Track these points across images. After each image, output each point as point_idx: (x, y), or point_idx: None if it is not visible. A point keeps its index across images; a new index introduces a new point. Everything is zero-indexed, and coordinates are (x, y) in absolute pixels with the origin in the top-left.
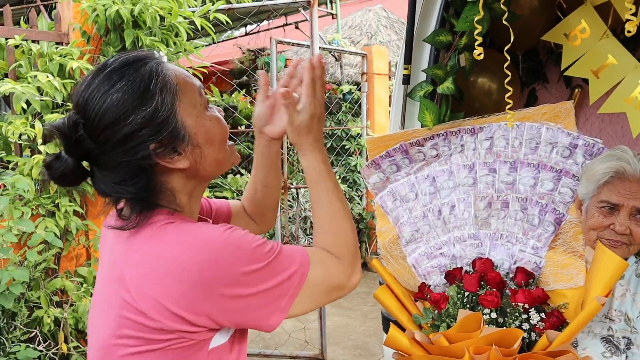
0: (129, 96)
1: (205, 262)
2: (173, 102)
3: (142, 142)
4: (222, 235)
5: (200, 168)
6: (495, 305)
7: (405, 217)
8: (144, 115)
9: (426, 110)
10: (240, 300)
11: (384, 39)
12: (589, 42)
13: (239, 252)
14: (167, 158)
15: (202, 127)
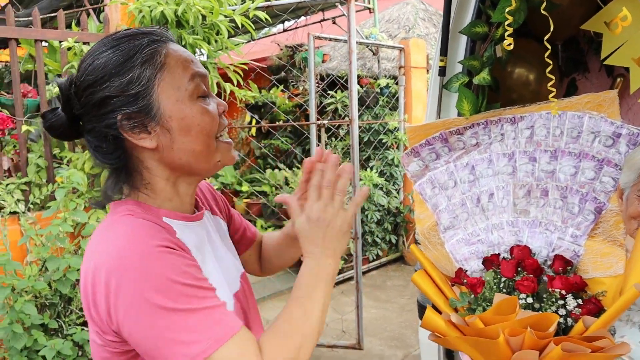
0: (110, 63)
1: (115, 269)
2: (152, 78)
3: (111, 110)
4: (148, 249)
5: (173, 155)
6: (531, 290)
7: (444, 204)
8: (118, 84)
9: (464, 99)
10: (132, 324)
11: (421, 32)
12: (630, 30)
13: (150, 273)
14: (132, 132)
15: (179, 111)
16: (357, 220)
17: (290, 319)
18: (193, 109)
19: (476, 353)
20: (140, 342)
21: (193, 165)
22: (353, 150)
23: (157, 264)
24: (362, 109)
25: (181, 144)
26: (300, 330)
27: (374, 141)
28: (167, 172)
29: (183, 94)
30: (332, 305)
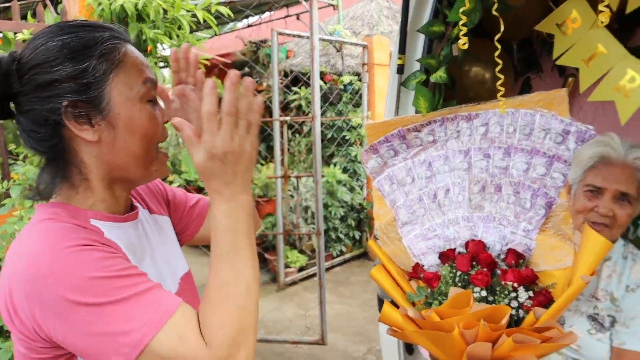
0: (66, 48)
1: (31, 277)
2: (107, 72)
3: (58, 94)
4: (57, 252)
5: (113, 154)
6: (485, 284)
7: (402, 200)
8: (71, 70)
9: (421, 96)
10: (61, 327)
11: (385, 29)
12: (580, 32)
13: (67, 276)
14: (75, 121)
15: (127, 110)
16: (320, 217)
17: (222, 284)
18: (142, 111)
19: (433, 346)
20: (77, 345)
21: (131, 169)
22: (315, 147)
23: (72, 265)
24: (325, 105)
25: (123, 143)
26: (237, 294)
27: (338, 138)
28: (103, 171)
29: (135, 95)
30: (296, 302)
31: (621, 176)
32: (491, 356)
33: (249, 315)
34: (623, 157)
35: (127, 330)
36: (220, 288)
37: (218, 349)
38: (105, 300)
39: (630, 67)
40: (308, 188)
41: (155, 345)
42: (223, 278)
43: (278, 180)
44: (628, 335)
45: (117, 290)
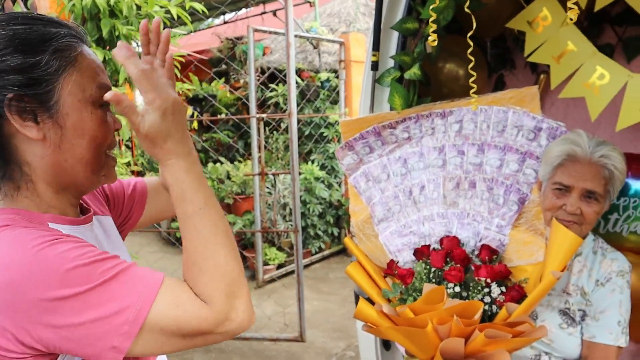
0: (19, 38)
1: (3, 287)
2: (60, 69)
3: (2, 85)
4: (28, 254)
5: (60, 156)
6: (458, 279)
7: (378, 197)
8: (21, 62)
9: (396, 93)
10: (57, 330)
11: (362, 26)
12: (550, 30)
13: (45, 275)
14: (19, 116)
15: (78, 112)
16: (298, 214)
17: (203, 241)
18: (93, 114)
19: (407, 342)
20: (70, 342)
21: (79, 173)
22: (292, 144)
23: (44, 263)
24: (303, 102)
25: (70, 146)
26: (220, 245)
27: (315, 135)
28: (49, 174)
29: (87, 97)
30: (275, 299)
31: (587, 174)
32: (464, 351)
33: (236, 264)
34: (589, 155)
35: (120, 309)
36: (203, 245)
37: (218, 304)
38: (88, 287)
39: (600, 65)
40: (286, 185)
41: (153, 317)
42: (203, 234)
43: (255, 177)
44: (598, 328)
45: (98, 275)
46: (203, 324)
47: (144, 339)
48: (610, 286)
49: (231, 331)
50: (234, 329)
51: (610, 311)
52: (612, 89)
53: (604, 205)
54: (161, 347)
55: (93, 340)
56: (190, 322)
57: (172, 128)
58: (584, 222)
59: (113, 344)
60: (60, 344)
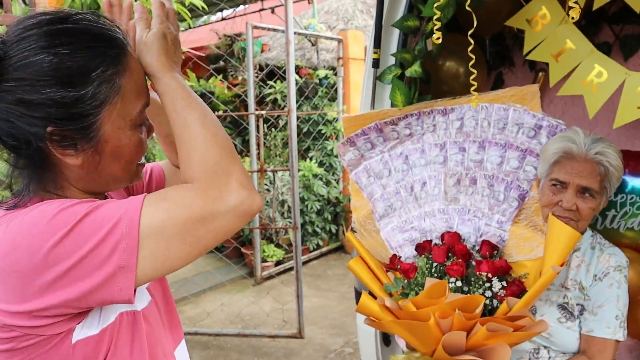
0: (62, 68)
1: (4, 254)
2: (105, 102)
3: (43, 117)
4: (16, 221)
5: (94, 174)
6: (460, 274)
7: (379, 193)
8: (64, 96)
9: (397, 90)
10: (65, 276)
11: (360, 23)
12: (549, 28)
13: (34, 230)
14: (59, 147)
15: (117, 139)
16: (297, 210)
17: (192, 125)
18: (132, 139)
19: (409, 336)
20: (85, 276)
21: (109, 185)
22: (291, 141)
23: (33, 220)
24: (301, 99)
25: (106, 167)
26: (210, 126)
27: (313, 132)
28: (81, 185)
29: (127, 123)
30: (273, 296)
31: (583, 171)
32: (466, 345)
33: (226, 141)
34: (585, 152)
35: (112, 225)
36: (193, 135)
37: (202, 181)
38: (77, 220)
39: (598, 63)
40: (284, 182)
41: (146, 220)
42: (193, 125)
43: (254, 174)
44: (596, 322)
45: (84, 209)
46: (196, 205)
47: (147, 249)
48: (608, 281)
49: (231, 208)
50: (234, 205)
51: (608, 305)
52: (610, 86)
53: (600, 202)
54: (167, 255)
55: (99, 267)
56: (183, 209)
57: (169, 48)
58: (580, 218)
59: (119, 264)
60: (73, 288)
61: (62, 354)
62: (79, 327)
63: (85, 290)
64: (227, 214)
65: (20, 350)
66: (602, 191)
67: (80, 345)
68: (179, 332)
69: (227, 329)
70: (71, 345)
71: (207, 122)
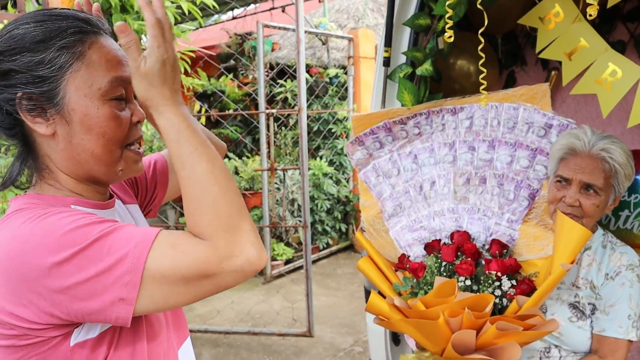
0: (28, 36)
1: (13, 256)
2: (65, 65)
3: (13, 84)
4: (30, 225)
5: (72, 150)
6: (469, 273)
7: (388, 192)
8: (28, 61)
9: (405, 90)
10: (65, 292)
11: (370, 22)
12: (562, 26)
13: (45, 241)
14: (29, 114)
15: (83, 107)
16: (307, 209)
17: (202, 178)
18: (100, 109)
19: (418, 334)
20: (83, 298)
21: (93, 167)
22: (302, 139)
23: (44, 229)
24: (311, 98)
25: (80, 140)
26: (219, 179)
27: (324, 130)
28: (66, 167)
29: (94, 92)
30: (283, 294)
31: (586, 167)
32: (475, 344)
33: (235, 197)
34: (588, 148)
35: (118, 259)
36: (200, 184)
37: (216, 239)
38: (86, 243)
39: (612, 61)
40: (294, 181)
41: (152, 262)
42: (201, 174)
43: (264, 172)
44: (608, 322)
45: (96, 233)
46: (203, 262)
47: (148, 288)
48: (620, 280)
49: (239, 268)
50: (241, 265)
51: (620, 305)
52: (624, 85)
53: (606, 199)
54: (168, 297)
55: (100, 294)
56: (190, 263)
57: (169, 77)
58: (584, 214)
59: (120, 296)
60: (72, 305)
61: (60, 355)
62: (77, 331)
63: (80, 310)
64: (234, 272)
65: (21, 347)
66: (608, 189)
67: (78, 347)
68: (184, 331)
69: (237, 327)
70: (69, 348)
71: (217, 175)
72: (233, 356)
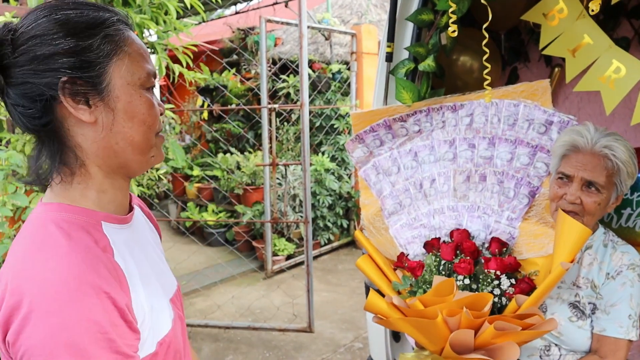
0: (72, 22)
1: (38, 306)
2: (111, 54)
3: (56, 68)
4: (71, 295)
5: (111, 138)
6: (468, 272)
7: (388, 190)
8: (74, 45)
9: (403, 89)
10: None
11: (373, 18)
12: (566, 22)
13: (71, 323)
14: (72, 99)
15: (127, 95)
16: (308, 205)
17: None
18: (142, 97)
19: (417, 333)
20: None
21: (129, 155)
22: (304, 135)
23: (84, 312)
24: (314, 93)
25: (121, 127)
26: None
27: (326, 126)
28: (100, 157)
29: (136, 82)
30: (283, 290)
31: (588, 164)
32: (474, 343)
33: None
34: (591, 145)
35: None
36: None
37: None
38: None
39: (616, 58)
40: (296, 176)
41: None
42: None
43: (266, 168)
44: (608, 322)
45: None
46: None
47: None
48: (621, 279)
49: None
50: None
51: (621, 304)
52: (628, 82)
53: (607, 197)
54: None
55: None
56: None
57: None
58: (585, 212)
59: None
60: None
61: None
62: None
63: None
64: None
65: None
66: (610, 186)
67: None
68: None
69: (237, 321)
70: None
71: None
72: (233, 351)
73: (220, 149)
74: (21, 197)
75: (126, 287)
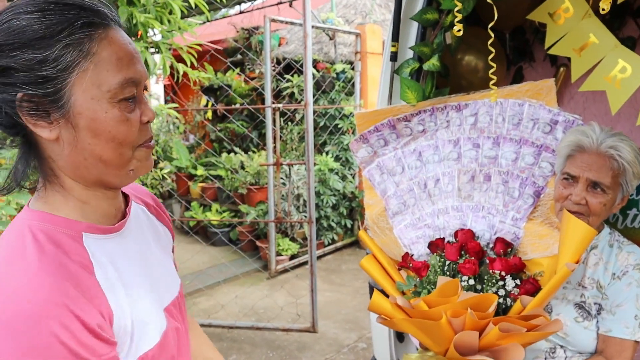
0: (30, 30)
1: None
2: (72, 65)
3: (12, 84)
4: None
5: (78, 155)
6: (473, 272)
7: (392, 190)
8: (30, 58)
9: (408, 89)
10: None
11: (378, 18)
12: (572, 22)
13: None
14: (30, 116)
15: (90, 111)
16: (312, 205)
17: None
18: (109, 113)
19: (421, 334)
20: None
21: (102, 169)
22: (308, 134)
23: (48, 334)
24: (318, 93)
25: (86, 145)
26: None
27: (330, 126)
28: (72, 172)
29: (103, 94)
30: (287, 289)
31: (593, 164)
32: (478, 345)
33: None
34: (596, 145)
35: None
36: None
37: None
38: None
39: (622, 58)
40: (300, 176)
41: None
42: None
43: (270, 167)
44: (614, 322)
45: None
46: None
47: None
48: (627, 279)
49: None
50: None
51: (627, 305)
52: (634, 82)
53: (613, 198)
54: None
55: None
56: None
57: None
58: (590, 213)
59: None
60: None
61: None
62: None
63: None
64: None
65: None
66: (615, 187)
67: None
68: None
69: (241, 321)
70: None
71: None
72: (236, 351)
73: (224, 149)
74: (25, 195)
75: (105, 304)
